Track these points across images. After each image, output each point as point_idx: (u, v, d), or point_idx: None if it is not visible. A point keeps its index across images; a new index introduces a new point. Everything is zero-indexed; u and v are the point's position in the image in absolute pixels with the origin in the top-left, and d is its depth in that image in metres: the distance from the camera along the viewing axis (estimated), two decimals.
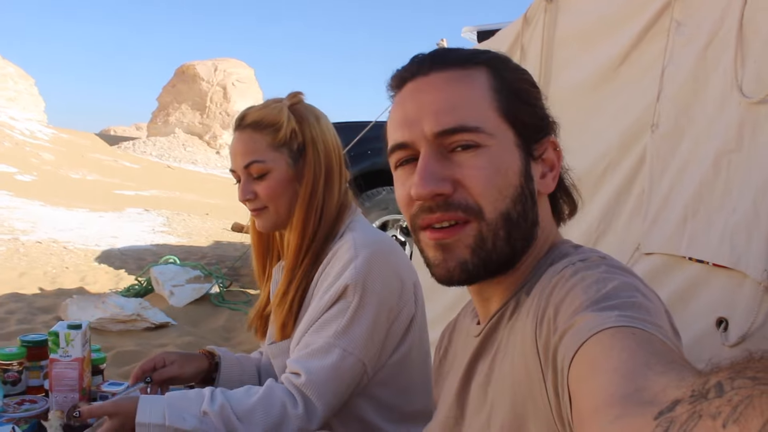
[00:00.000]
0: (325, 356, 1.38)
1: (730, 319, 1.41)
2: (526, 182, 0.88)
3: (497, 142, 0.86)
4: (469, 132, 0.84)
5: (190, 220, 14.63)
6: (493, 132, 0.86)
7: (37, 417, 1.70)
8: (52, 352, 1.70)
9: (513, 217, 0.86)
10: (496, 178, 0.84)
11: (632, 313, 0.64)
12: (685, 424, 0.39)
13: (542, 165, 0.92)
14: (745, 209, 1.42)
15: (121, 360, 3.98)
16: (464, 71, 0.89)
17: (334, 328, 1.40)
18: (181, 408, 1.35)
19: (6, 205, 13.48)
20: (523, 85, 0.92)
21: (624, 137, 2.07)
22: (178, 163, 41.16)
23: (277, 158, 1.55)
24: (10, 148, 27.78)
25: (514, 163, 0.87)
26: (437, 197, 0.84)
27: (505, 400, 0.82)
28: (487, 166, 0.84)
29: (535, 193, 0.89)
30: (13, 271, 7.11)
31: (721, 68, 1.62)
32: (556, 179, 0.92)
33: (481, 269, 0.86)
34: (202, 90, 52.21)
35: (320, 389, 1.37)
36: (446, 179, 0.84)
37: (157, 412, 1.33)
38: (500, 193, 0.85)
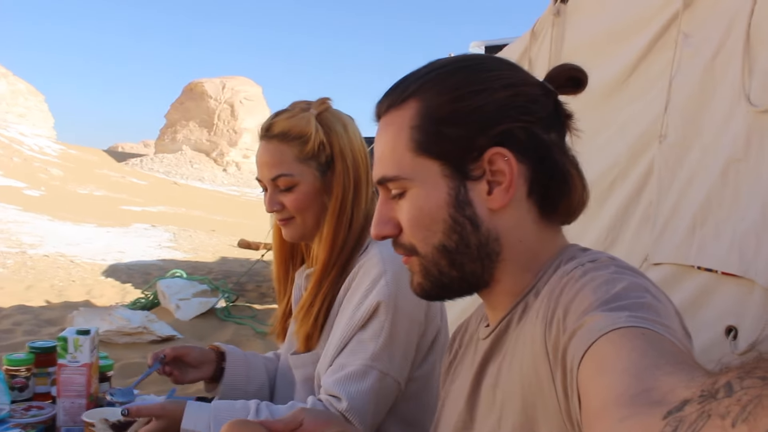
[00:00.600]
0: (363, 380, 1.37)
1: (740, 327, 1.41)
2: (457, 212, 0.87)
3: (418, 183, 0.88)
4: (391, 181, 0.90)
5: (196, 236, 14.68)
6: (410, 175, 0.89)
7: (44, 423, 1.70)
8: (60, 357, 1.71)
9: (450, 247, 0.88)
10: (421, 219, 0.89)
11: (642, 314, 0.64)
12: (694, 424, 0.39)
13: (488, 181, 0.87)
14: (754, 218, 1.42)
15: (127, 372, 3.98)
16: (396, 111, 0.91)
17: (370, 349, 1.39)
18: (227, 419, 1.35)
19: (14, 220, 13.56)
20: (452, 107, 0.87)
21: (632, 148, 2.07)
22: (185, 180, 41.38)
23: (304, 171, 1.53)
24: (19, 164, 28.01)
25: (438, 198, 0.87)
26: (385, 237, 0.94)
27: (515, 402, 0.82)
28: (411, 210, 0.89)
29: (478, 216, 0.87)
30: (21, 283, 7.15)
31: (728, 78, 1.63)
32: (510, 189, 0.86)
33: (439, 290, 0.94)
34: (209, 107, 52.62)
35: (361, 414, 1.36)
36: (390, 221, 0.92)
37: (202, 421, 1.34)
38: (428, 230, 0.89)
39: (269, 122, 1.58)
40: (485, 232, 0.88)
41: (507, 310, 0.91)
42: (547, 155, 0.88)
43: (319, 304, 1.54)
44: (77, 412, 1.69)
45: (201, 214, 21.80)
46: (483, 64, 0.91)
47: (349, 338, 1.42)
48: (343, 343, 1.43)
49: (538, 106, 0.88)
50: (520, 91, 0.88)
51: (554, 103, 0.91)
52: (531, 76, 0.93)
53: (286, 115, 1.57)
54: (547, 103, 0.90)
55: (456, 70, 0.90)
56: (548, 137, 0.88)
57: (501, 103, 0.86)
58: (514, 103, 0.87)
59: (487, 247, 0.88)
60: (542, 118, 0.88)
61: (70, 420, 1.70)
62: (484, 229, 0.88)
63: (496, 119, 0.86)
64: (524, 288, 0.90)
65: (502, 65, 0.91)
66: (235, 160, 51.67)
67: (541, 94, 0.90)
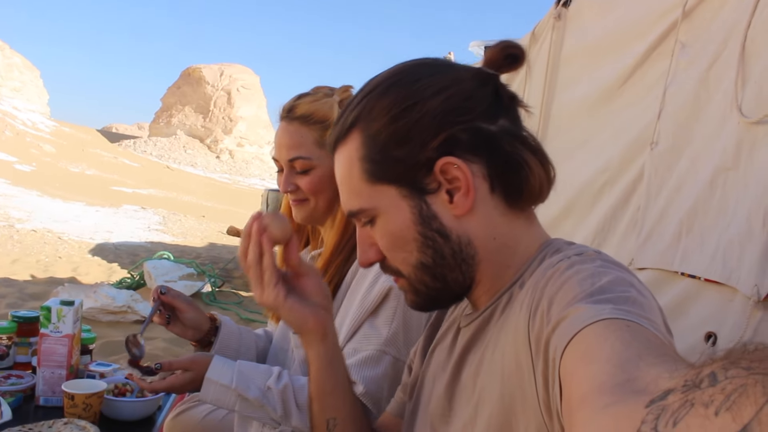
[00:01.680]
0: (377, 365, 1.39)
1: (719, 333, 1.43)
2: (425, 227, 0.88)
3: (382, 210, 0.90)
4: (358, 213, 0.92)
5: (186, 220, 14.63)
6: (372, 204, 0.90)
7: (22, 392, 1.70)
8: (42, 326, 1.70)
9: (427, 263, 0.89)
10: (395, 243, 0.90)
11: (627, 307, 0.64)
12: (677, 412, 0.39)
13: (446, 191, 0.87)
14: (739, 226, 1.44)
15: (108, 349, 3.97)
16: (343, 146, 0.93)
17: (384, 335, 1.40)
18: (249, 377, 1.39)
19: (3, 193, 13.47)
20: (390, 129, 0.87)
21: (624, 154, 2.10)
22: (178, 165, 41.19)
23: (322, 156, 1.54)
24: (11, 138, 27.79)
25: (404, 219, 0.88)
26: (373, 263, 0.95)
27: (493, 391, 0.82)
28: (383, 236, 0.91)
29: (445, 227, 0.88)
30: (6, 257, 7.10)
31: (722, 89, 1.65)
32: (469, 193, 0.86)
33: (431, 303, 0.96)
34: (206, 93, 52.35)
35: (377, 398, 1.38)
36: (372, 247, 0.94)
37: (226, 374, 1.38)
38: (404, 251, 0.90)
39: (291, 104, 1.58)
40: (456, 239, 0.88)
41: (491, 300, 0.91)
42: (497, 147, 0.86)
43: (329, 278, 1.55)
44: (57, 383, 1.69)
45: (192, 200, 21.71)
46: (412, 74, 0.89)
47: (361, 323, 1.44)
48: (354, 328, 1.44)
49: (474, 101, 0.87)
50: (453, 93, 0.86)
51: (494, 90, 0.89)
52: (464, 70, 0.91)
53: (309, 99, 1.57)
54: (484, 94, 0.88)
55: (387, 90, 0.89)
56: (495, 126, 0.87)
57: (436, 111, 0.85)
58: (449, 107, 0.85)
59: (462, 253, 0.89)
60: (483, 111, 0.87)
61: (49, 390, 1.70)
62: (454, 237, 0.88)
63: (436, 129, 0.85)
64: (507, 280, 0.90)
65: (430, 70, 0.90)
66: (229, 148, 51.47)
67: (476, 86, 0.88)
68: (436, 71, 0.89)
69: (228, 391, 1.37)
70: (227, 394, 1.38)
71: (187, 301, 1.68)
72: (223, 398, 1.38)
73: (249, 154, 52.80)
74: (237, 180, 41.26)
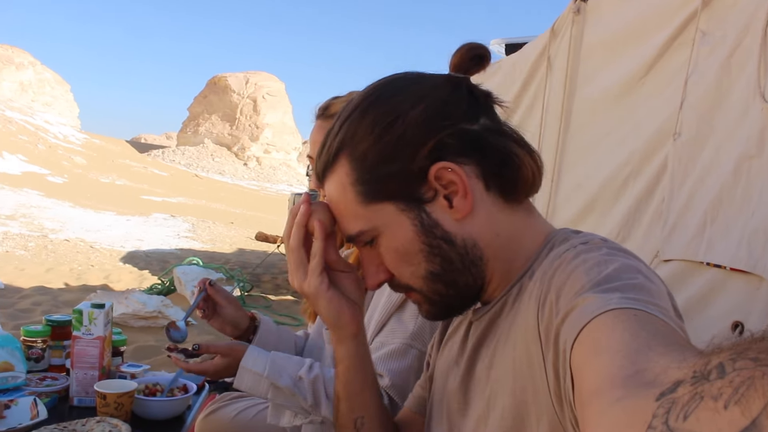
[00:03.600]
0: (404, 358, 1.42)
1: (746, 322, 1.41)
2: (428, 237, 0.88)
3: (382, 228, 0.89)
4: (359, 236, 0.91)
5: (214, 227, 14.79)
6: (371, 225, 0.89)
7: (57, 393, 1.74)
8: (75, 329, 1.75)
9: (437, 271, 0.89)
10: (401, 258, 0.90)
11: (634, 295, 0.64)
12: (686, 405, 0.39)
13: (444, 196, 0.87)
14: (764, 214, 1.42)
15: (140, 354, 4.04)
16: (332, 174, 0.92)
17: (410, 329, 1.43)
18: (282, 366, 1.43)
19: (37, 205, 13.78)
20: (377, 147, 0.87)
21: (647, 145, 2.08)
22: (206, 173, 41.67)
23: None
24: (43, 151, 28.40)
25: (406, 232, 0.88)
26: (383, 284, 0.95)
27: (506, 384, 0.82)
28: (388, 254, 0.91)
29: (449, 233, 0.87)
30: (41, 266, 7.26)
31: (744, 76, 1.63)
32: (467, 195, 0.86)
33: (447, 311, 0.95)
34: (232, 102, 52.93)
35: (403, 391, 1.40)
36: (380, 267, 0.93)
37: (260, 363, 1.43)
38: (411, 265, 0.90)
39: (327, 103, 1.63)
40: (461, 243, 0.88)
41: (501, 293, 0.91)
42: (485, 144, 0.87)
43: None
44: (90, 383, 1.73)
45: (220, 207, 21.95)
46: (387, 91, 0.90)
47: (388, 318, 1.47)
48: (381, 323, 1.47)
49: (453, 105, 0.87)
50: (431, 101, 0.87)
51: (468, 91, 0.90)
52: (436, 78, 0.92)
53: (344, 98, 1.63)
54: (460, 97, 0.89)
55: (365, 110, 0.89)
56: (477, 126, 0.87)
57: (418, 121, 0.86)
58: (430, 114, 0.86)
59: (469, 255, 0.88)
60: (463, 113, 0.87)
61: (82, 390, 1.74)
62: (459, 241, 0.88)
63: (422, 138, 0.85)
64: (516, 273, 0.90)
65: (403, 83, 0.91)
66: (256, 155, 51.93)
67: (451, 90, 0.89)
68: (410, 83, 0.90)
69: (261, 379, 1.41)
70: (260, 383, 1.41)
71: (228, 297, 1.72)
72: (256, 386, 1.42)
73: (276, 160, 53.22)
74: (264, 186, 41.61)
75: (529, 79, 3.10)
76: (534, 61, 3.07)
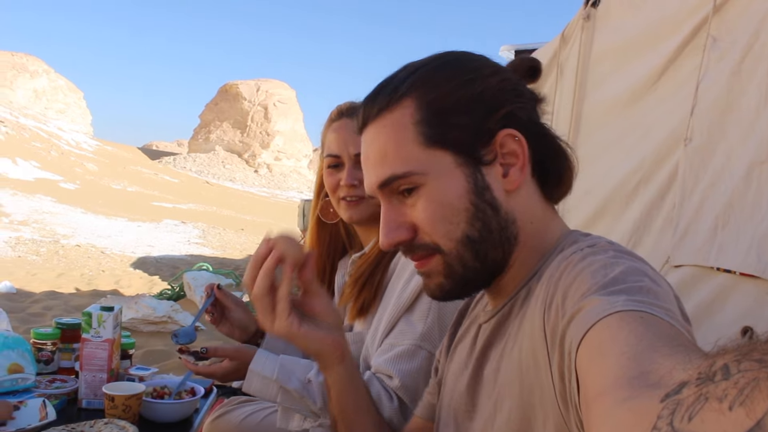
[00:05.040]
0: (413, 359, 1.41)
1: (756, 327, 1.40)
2: (478, 198, 0.86)
3: (433, 176, 0.87)
4: (402, 178, 0.87)
5: (225, 233, 14.85)
6: (423, 169, 0.87)
7: (66, 395, 1.75)
8: (84, 332, 1.75)
9: (474, 237, 0.87)
10: (442, 213, 0.87)
11: (640, 297, 0.64)
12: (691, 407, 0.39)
13: (501, 164, 0.87)
14: None
15: (149, 359, 4.05)
16: (390, 113, 0.90)
17: (419, 330, 1.42)
18: (291, 370, 1.43)
19: (49, 211, 13.89)
20: (453, 96, 0.88)
21: (657, 152, 2.07)
22: (217, 180, 41.86)
23: None
24: (56, 158, 28.65)
25: (458, 187, 0.86)
26: (399, 244, 0.90)
27: (513, 386, 0.82)
28: (429, 205, 0.87)
29: (497, 199, 0.87)
30: (52, 271, 7.32)
31: (755, 82, 1.62)
32: (524, 169, 0.87)
33: (460, 288, 0.91)
34: (243, 109, 53.19)
35: (412, 392, 1.39)
36: (402, 225, 0.89)
37: (269, 367, 1.43)
38: (451, 223, 0.87)
39: (356, 104, 1.63)
40: (504, 215, 0.87)
41: (510, 295, 0.91)
42: (544, 132, 0.89)
43: (379, 274, 1.58)
44: (98, 386, 1.73)
45: (231, 214, 22.04)
46: (462, 57, 0.91)
47: (397, 319, 1.46)
48: (391, 324, 1.46)
49: (522, 88, 0.90)
50: (506, 77, 0.89)
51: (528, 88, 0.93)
52: (500, 65, 0.93)
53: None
54: (525, 86, 0.91)
55: (442, 66, 0.90)
56: (537, 116, 0.91)
57: (496, 88, 0.87)
58: (506, 86, 0.88)
59: (507, 230, 0.88)
60: (529, 100, 0.90)
61: (91, 393, 1.75)
62: (503, 212, 0.87)
63: (499, 102, 0.86)
64: (527, 272, 0.89)
65: (477, 57, 0.92)
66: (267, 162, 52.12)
67: (519, 78, 0.92)
68: (481, 59, 0.92)
69: (270, 382, 1.41)
70: (269, 386, 1.41)
71: (237, 301, 1.72)
72: (265, 389, 1.42)
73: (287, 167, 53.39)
74: (275, 194, 41.73)
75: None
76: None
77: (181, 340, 1.63)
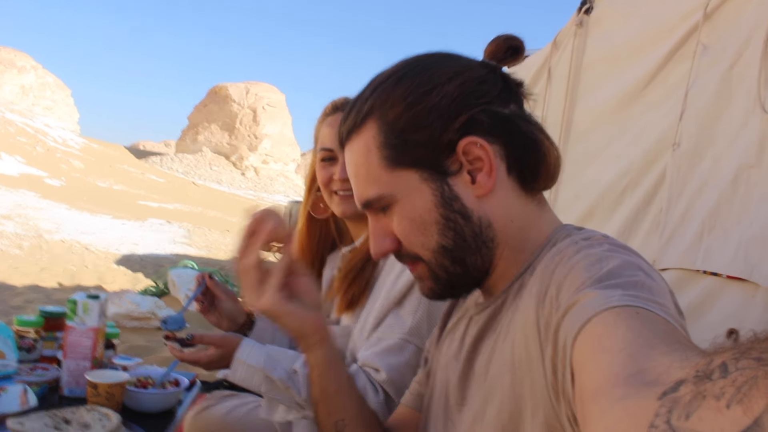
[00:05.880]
0: (401, 353, 1.42)
1: (741, 329, 1.41)
2: (446, 209, 0.88)
3: (401, 195, 0.89)
4: (376, 200, 0.91)
5: (210, 234, 14.78)
6: (391, 191, 0.89)
7: (48, 383, 1.73)
8: (69, 319, 1.73)
9: (449, 246, 0.89)
10: (415, 227, 0.89)
11: (635, 292, 0.64)
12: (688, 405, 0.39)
13: (468, 171, 0.87)
14: (762, 222, 1.43)
15: (132, 354, 3.97)
16: (357, 136, 0.92)
17: (408, 324, 1.43)
18: (276, 359, 1.42)
19: (33, 206, 13.76)
20: (409, 113, 0.88)
21: (646, 156, 2.09)
22: (203, 181, 41.68)
23: None
24: (42, 154, 28.40)
25: (425, 202, 0.88)
26: (388, 254, 0.94)
27: (504, 379, 0.82)
28: (402, 221, 0.90)
29: (467, 208, 0.88)
30: (35, 265, 7.25)
31: (744, 88, 1.64)
32: (492, 173, 0.86)
33: (450, 290, 0.94)
34: (232, 111, 53.05)
35: (398, 386, 1.39)
36: (388, 236, 0.93)
37: (255, 356, 1.41)
38: (424, 236, 0.89)
39: (345, 99, 1.64)
40: (477, 221, 0.88)
41: (502, 288, 0.91)
42: (514, 128, 0.88)
43: (369, 269, 1.58)
44: (81, 374, 1.71)
45: (217, 215, 21.95)
46: (421, 64, 0.91)
47: (386, 313, 1.46)
48: (380, 318, 1.46)
49: (488, 85, 0.88)
50: (467, 77, 0.88)
51: (502, 77, 0.91)
52: (471, 59, 0.92)
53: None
54: (495, 80, 0.89)
55: (399, 79, 0.90)
56: (508, 110, 0.88)
57: (453, 94, 0.86)
58: (465, 90, 0.87)
59: (482, 235, 0.89)
60: (496, 95, 0.88)
61: (73, 381, 1.73)
62: (475, 219, 0.88)
63: (456, 111, 0.86)
64: (519, 267, 0.90)
65: (439, 60, 0.91)
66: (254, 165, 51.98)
67: (487, 72, 0.89)
68: (446, 59, 0.91)
69: (255, 371, 1.40)
70: (254, 375, 1.40)
71: (227, 291, 1.71)
72: (250, 379, 1.41)
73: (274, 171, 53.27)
74: (262, 196, 41.61)
75: (529, 87, 3.12)
76: (534, 73, 3.09)
77: (170, 326, 1.62)
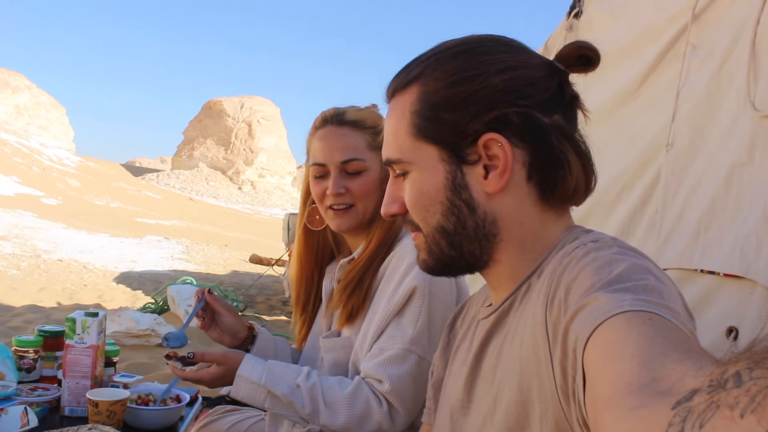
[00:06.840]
0: (403, 363, 1.41)
1: (740, 327, 1.41)
2: (454, 195, 0.89)
3: (418, 167, 0.92)
4: (395, 163, 0.94)
5: (208, 249, 14.76)
6: (410, 159, 0.92)
7: (48, 403, 1.72)
8: (68, 337, 1.73)
9: (448, 229, 0.91)
10: (421, 200, 0.92)
11: (646, 297, 0.63)
12: (702, 414, 0.39)
13: (484, 166, 0.88)
14: (756, 219, 1.44)
15: (132, 372, 3.98)
16: (400, 96, 0.94)
17: (409, 334, 1.43)
18: (279, 375, 1.43)
19: (30, 226, 13.75)
20: (449, 92, 0.88)
21: (640, 158, 2.10)
22: (200, 197, 41.68)
23: (373, 159, 1.59)
24: (38, 173, 28.39)
25: (437, 181, 0.89)
26: (394, 216, 0.98)
27: (512, 381, 0.82)
28: (412, 191, 0.93)
29: (474, 199, 0.88)
30: (34, 285, 7.24)
31: (734, 86, 1.65)
32: (504, 174, 0.86)
33: (441, 267, 0.96)
34: (227, 126, 53.12)
35: (402, 396, 1.40)
36: (398, 200, 0.96)
37: (257, 372, 1.43)
38: (428, 211, 0.92)
39: (341, 111, 1.63)
40: (482, 214, 0.89)
41: (510, 291, 0.91)
42: (545, 139, 0.86)
43: (368, 280, 1.58)
44: (82, 393, 1.71)
45: (214, 230, 21.94)
46: (482, 47, 0.89)
47: (387, 323, 1.46)
48: (381, 329, 1.46)
49: (536, 88, 0.86)
50: (518, 75, 0.86)
51: (559, 84, 0.89)
52: (535, 57, 0.90)
53: (356, 108, 1.65)
54: (548, 85, 0.87)
55: (456, 54, 0.89)
56: (549, 120, 0.86)
57: (496, 88, 0.85)
58: (509, 87, 0.86)
59: (484, 229, 0.89)
60: (541, 101, 0.86)
61: (74, 400, 1.72)
62: (480, 212, 0.89)
63: (491, 104, 0.86)
64: (527, 269, 0.89)
65: (502, 48, 0.89)
66: (251, 179, 52.01)
67: (543, 76, 0.87)
68: (508, 50, 0.90)
69: (258, 387, 1.40)
70: (257, 391, 1.41)
71: (227, 306, 1.71)
72: (253, 395, 1.41)
73: (270, 184, 53.32)
74: (259, 210, 41.61)
75: None
76: None
77: (171, 343, 1.62)
